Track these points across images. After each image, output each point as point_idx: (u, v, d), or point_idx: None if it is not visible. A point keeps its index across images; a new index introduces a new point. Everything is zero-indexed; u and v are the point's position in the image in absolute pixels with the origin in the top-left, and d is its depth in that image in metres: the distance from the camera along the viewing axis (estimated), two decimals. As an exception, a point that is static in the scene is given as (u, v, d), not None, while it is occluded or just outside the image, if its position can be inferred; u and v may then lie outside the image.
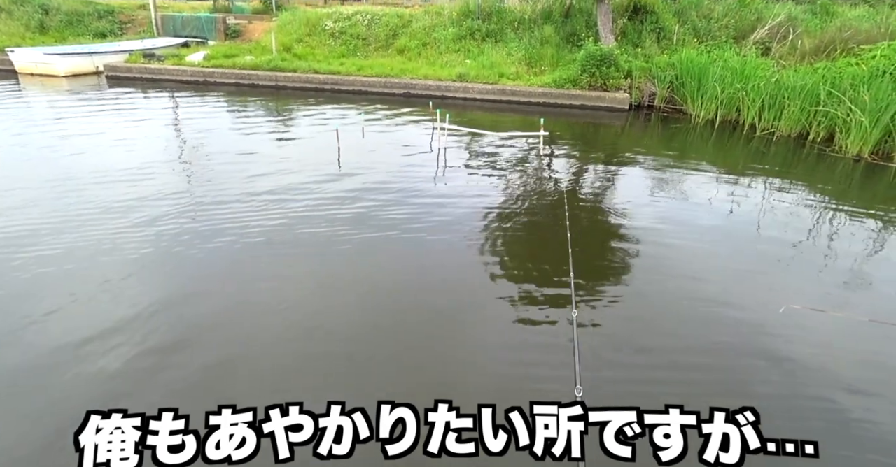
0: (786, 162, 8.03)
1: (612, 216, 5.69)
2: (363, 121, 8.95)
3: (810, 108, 8.67)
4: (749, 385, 3.13)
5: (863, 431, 2.80)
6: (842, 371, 3.28)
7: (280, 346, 3.30)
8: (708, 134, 9.48)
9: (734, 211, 5.86)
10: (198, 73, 12.63)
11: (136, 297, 3.69)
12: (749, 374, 3.22)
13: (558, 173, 7.20)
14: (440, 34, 13.68)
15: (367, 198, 5.69)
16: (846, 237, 5.29)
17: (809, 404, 2.99)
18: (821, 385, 3.15)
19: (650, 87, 11.02)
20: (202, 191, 5.73)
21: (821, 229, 5.50)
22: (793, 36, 11.07)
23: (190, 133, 8.34)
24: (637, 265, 4.57)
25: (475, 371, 3.21)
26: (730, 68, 9.76)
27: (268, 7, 18.27)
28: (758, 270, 4.57)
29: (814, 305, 3.95)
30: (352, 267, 4.34)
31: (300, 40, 14.36)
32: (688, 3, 12.95)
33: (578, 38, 12.17)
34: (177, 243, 4.51)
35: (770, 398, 3.00)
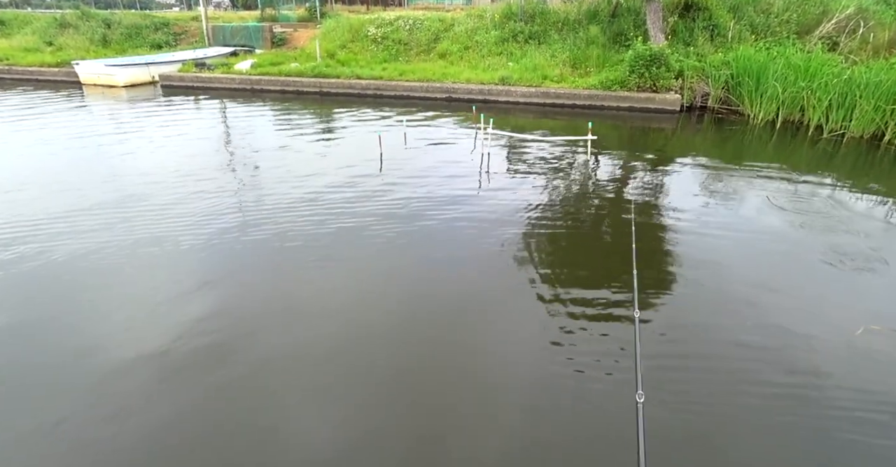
0: (857, 165, 7.41)
1: (666, 222, 5.36)
2: (405, 125, 8.93)
3: (886, 107, 7.99)
4: (812, 408, 2.81)
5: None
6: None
7: (323, 350, 3.26)
8: (767, 136, 8.91)
9: (799, 220, 5.40)
10: (245, 80, 13.02)
11: (186, 289, 3.76)
12: (815, 399, 2.90)
13: (606, 178, 6.90)
14: (482, 37, 13.56)
15: (411, 203, 5.62)
16: None
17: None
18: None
19: (703, 87, 10.49)
20: (248, 192, 5.85)
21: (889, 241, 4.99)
22: (863, 29, 10.27)
23: (237, 138, 8.56)
24: (694, 274, 4.27)
25: (533, 375, 3.18)
26: (792, 66, 9.15)
27: (312, 15, 18.71)
28: (829, 287, 4.17)
29: (893, 325, 3.57)
30: (395, 271, 4.29)
31: (343, 46, 14.59)
32: (744, -3, 12.27)
33: (626, 37, 11.75)
34: (224, 239, 4.60)
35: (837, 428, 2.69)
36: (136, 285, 4.05)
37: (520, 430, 2.79)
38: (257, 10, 20.73)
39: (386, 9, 19.74)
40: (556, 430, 2.78)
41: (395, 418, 2.80)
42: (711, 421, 2.80)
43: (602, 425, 2.82)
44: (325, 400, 2.91)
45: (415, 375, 3.14)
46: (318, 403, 2.89)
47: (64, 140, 8.31)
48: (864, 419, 2.81)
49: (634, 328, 2.47)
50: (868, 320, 3.66)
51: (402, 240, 4.85)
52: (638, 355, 2.21)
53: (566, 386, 3.06)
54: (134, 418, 2.76)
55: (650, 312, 3.75)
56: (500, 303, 3.94)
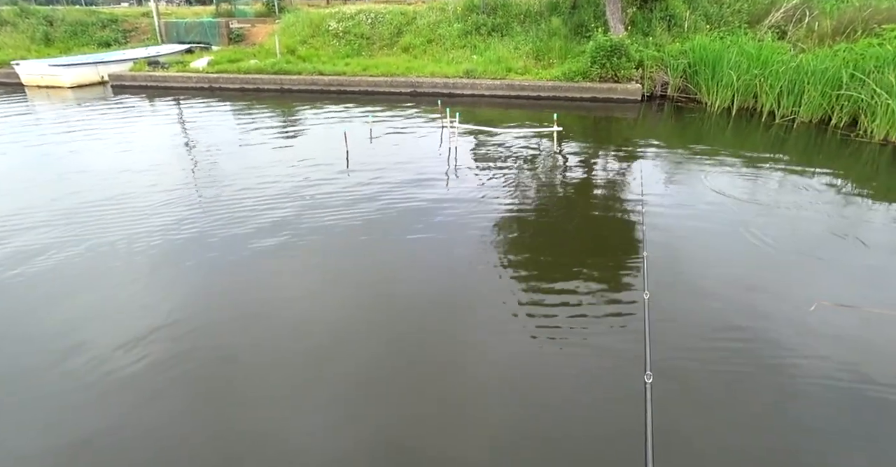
0: (807, 149, 7.75)
1: (631, 210, 5.48)
2: (371, 121, 8.82)
3: (832, 93, 8.37)
4: (782, 386, 2.94)
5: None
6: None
7: (288, 348, 3.19)
8: (724, 122, 9.21)
9: (755, 201, 5.62)
10: (203, 78, 12.58)
11: (145, 296, 3.61)
12: (781, 377, 3.03)
13: (574, 168, 7.00)
14: (445, 30, 13.49)
15: (380, 200, 5.56)
16: (876, 227, 5.04)
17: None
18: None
19: (663, 76, 10.75)
20: (210, 195, 5.65)
21: (848, 219, 5.24)
22: (809, 18, 10.72)
23: (196, 138, 8.27)
24: (660, 258, 4.37)
25: (539, 359, 3.22)
26: (745, 54, 9.47)
27: (270, 10, 18.19)
28: (783, 264, 4.35)
29: (845, 301, 3.75)
30: (365, 269, 4.24)
31: (304, 42, 14.26)
32: (698, -12, 12.59)
33: (587, 29, 11.91)
34: (184, 246, 4.44)
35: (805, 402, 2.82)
36: (90, 291, 3.87)
37: (528, 414, 2.82)
38: (212, 6, 20.02)
39: (346, 2, 19.39)
40: (564, 412, 2.83)
41: (397, 405, 2.78)
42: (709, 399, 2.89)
43: (610, 406, 2.88)
44: (304, 403, 2.85)
45: (409, 368, 3.12)
46: (296, 407, 2.83)
47: (5, 144, 7.85)
48: (828, 385, 2.96)
49: (644, 309, 2.50)
50: (820, 295, 3.83)
51: (374, 236, 4.80)
52: (647, 336, 2.25)
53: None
54: (93, 434, 2.64)
55: (634, 293, 3.83)
56: (483, 294, 3.94)
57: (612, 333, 3.44)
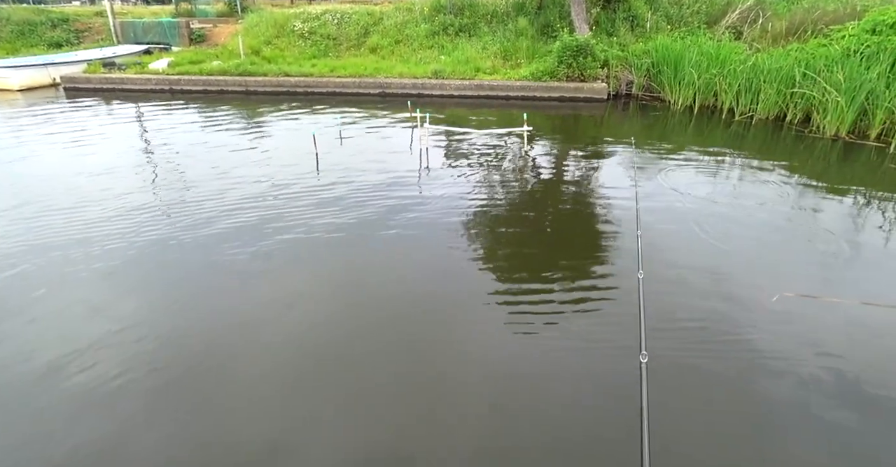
0: (765, 145, 8.06)
1: (598, 206, 5.58)
2: (340, 123, 8.70)
3: (786, 91, 8.74)
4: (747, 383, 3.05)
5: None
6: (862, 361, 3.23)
7: (270, 356, 3.11)
8: (687, 120, 9.49)
9: (717, 196, 5.81)
10: (163, 81, 12.15)
11: (112, 308, 3.46)
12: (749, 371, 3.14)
13: (545, 167, 7.09)
14: (412, 31, 13.44)
15: (351, 203, 5.49)
16: (831, 218, 5.28)
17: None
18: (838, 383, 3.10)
19: (627, 75, 11.00)
20: (174, 203, 5.45)
21: (805, 212, 5.47)
22: (763, 19, 11.16)
23: (158, 144, 7.97)
24: (623, 252, 4.48)
25: (531, 344, 3.28)
26: (705, 54, 9.79)
27: (233, 9, 17.75)
28: (745, 257, 4.51)
29: (806, 292, 3.91)
30: (338, 270, 4.18)
31: (269, 42, 13.96)
32: (658, -11, 12.95)
33: (553, 29, 12.07)
34: (149, 258, 4.27)
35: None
36: (48, 299, 3.69)
37: (525, 397, 2.88)
38: (171, 5, 19.38)
39: (311, 2, 19.08)
40: (561, 396, 2.89)
41: (392, 407, 2.73)
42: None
43: (606, 384, 2.95)
44: (283, 409, 2.78)
45: (398, 365, 3.08)
46: (274, 413, 2.76)
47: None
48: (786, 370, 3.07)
49: (639, 292, 2.55)
50: (782, 286, 3.98)
51: (347, 237, 4.74)
52: (643, 318, 2.29)
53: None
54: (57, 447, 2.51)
55: (567, 301, 3.90)
56: (468, 286, 3.97)
57: (595, 317, 3.50)
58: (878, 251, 4.62)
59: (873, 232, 5.00)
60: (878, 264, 4.41)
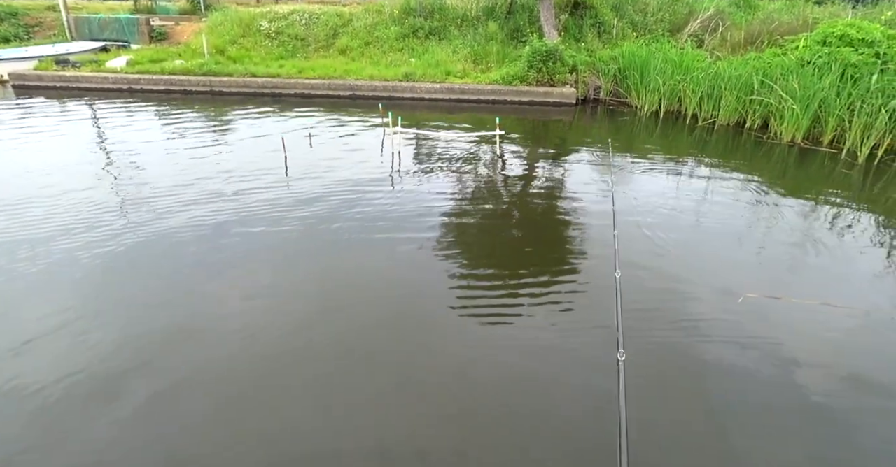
0: (726, 150, 8.34)
1: (572, 208, 5.64)
2: (309, 126, 8.53)
3: (746, 98, 9.08)
4: (715, 379, 3.12)
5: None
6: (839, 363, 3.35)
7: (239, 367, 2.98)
8: (653, 125, 9.74)
9: (680, 200, 5.97)
10: (121, 79, 11.64)
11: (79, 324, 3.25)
12: (714, 370, 3.21)
13: (517, 170, 7.12)
14: (382, 33, 13.34)
15: (322, 208, 5.36)
16: (789, 221, 5.50)
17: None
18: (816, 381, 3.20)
19: (595, 80, 11.21)
20: (136, 211, 5.19)
21: (764, 215, 5.68)
22: (722, 28, 11.59)
23: (117, 147, 7.60)
24: (589, 255, 4.55)
25: (507, 346, 3.27)
26: (669, 61, 10.07)
27: (195, 7, 17.20)
28: (709, 259, 4.64)
29: (769, 293, 4.04)
30: (305, 275, 4.07)
31: (234, 42, 13.58)
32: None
33: (522, 34, 12.20)
34: (110, 271, 4.04)
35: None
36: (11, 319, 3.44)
37: (504, 392, 2.88)
38: (129, 1, 18.62)
39: (278, 2, 18.68)
40: (540, 392, 2.90)
41: (374, 403, 2.64)
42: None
43: (584, 383, 2.95)
44: (251, 416, 2.66)
45: (386, 356, 2.99)
46: (242, 421, 2.64)
47: None
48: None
49: (616, 290, 2.57)
50: (745, 287, 4.10)
51: (315, 242, 4.64)
52: (619, 316, 2.31)
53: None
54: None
55: (536, 304, 3.91)
56: (442, 289, 3.94)
57: (575, 317, 3.51)
58: (833, 253, 4.83)
59: (829, 234, 5.22)
60: (834, 266, 4.61)
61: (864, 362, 3.33)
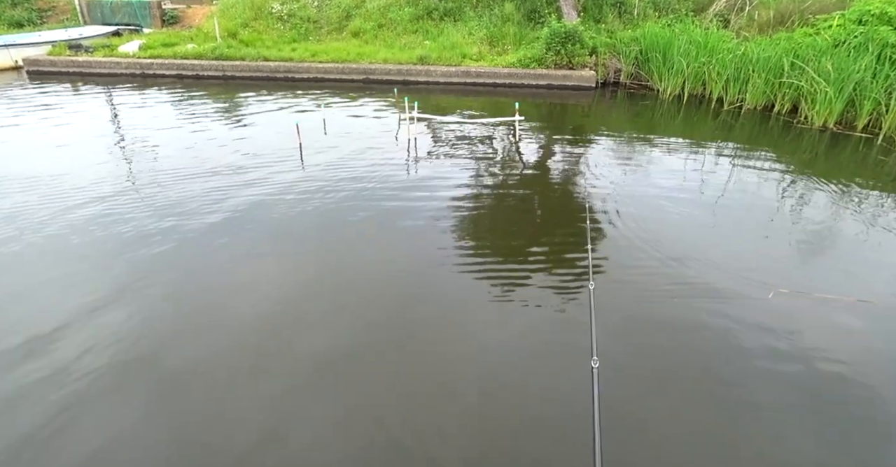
0: (753, 135, 8.03)
1: (589, 196, 5.46)
2: (323, 111, 8.39)
3: (775, 80, 8.70)
4: (742, 379, 2.99)
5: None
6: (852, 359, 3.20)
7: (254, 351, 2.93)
8: (675, 109, 9.42)
9: (707, 189, 5.75)
10: (134, 64, 11.56)
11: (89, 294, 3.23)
12: (746, 370, 3.08)
13: (535, 157, 6.93)
14: (396, 14, 13.03)
15: (339, 197, 5.27)
16: (821, 211, 5.26)
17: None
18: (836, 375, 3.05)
19: (615, 63, 10.86)
20: (151, 193, 5.17)
21: (792, 204, 5.45)
22: (749, 7, 11.09)
23: (131, 132, 7.54)
24: (617, 246, 4.40)
25: (486, 347, 3.23)
26: (694, 42, 9.68)
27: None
28: (740, 251, 4.44)
29: (799, 288, 3.86)
30: (330, 266, 4.00)
31: (246, 25, 13.38)
32: (645, -25, 12.74)
33: (540, 14, 11.83)
34: (130, 256, 4.01)
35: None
36: (33, 297, 3.46)
37: (476, 400, 2.80)
38: (140, -16, 18.39)
39: (290, -17, 18.33)
40: (513, 401, 2.81)
41: (356, 398, 2.58)
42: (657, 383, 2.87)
43: (558, 391, 2.89)
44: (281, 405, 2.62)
45: (367, 357, 2.93)
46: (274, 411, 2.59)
47: None
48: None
49: (590, 298, 2.51)
50: (775, 281, 3.92)
51: (333, 233, 4.57)
52: (593, 323, 2.23)
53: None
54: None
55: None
56: (446, 285, 3.84)
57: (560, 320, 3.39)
58: (869, 246, 4.61)
59: (863, 225, 4.99)
60: (871, 259, 4.40)
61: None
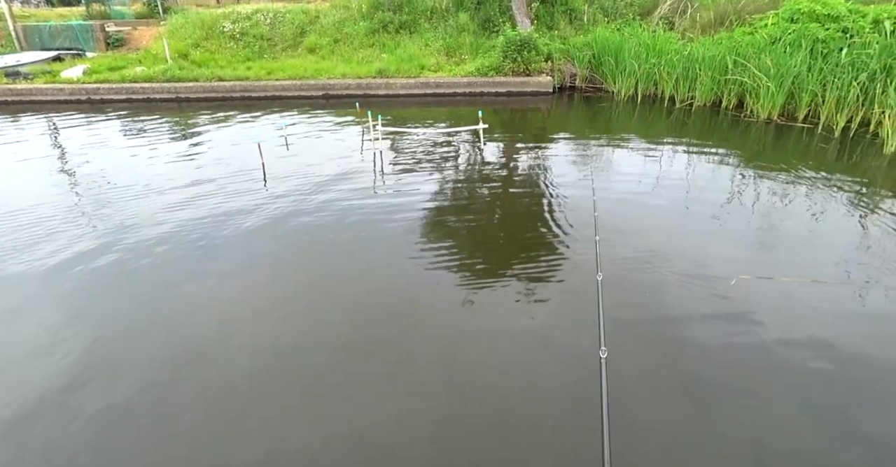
0: (704, 130, 8.38)
1: (556, 202, 5.55)
2: (284, 129, 8.25)
3: (720, 78, 9.13)
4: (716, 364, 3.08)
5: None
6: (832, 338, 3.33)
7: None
8: (630, 109, 9.74)
9: (664, 183, 5.95)
10: (79, 90, 11.09)
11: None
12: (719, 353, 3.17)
13: (501, 163, 7.01)
14: (351, 29, 13.03)
15: (305, 215, 5.16)
16: (773, 198, 5.48)
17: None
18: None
19: (570, 68, 11.16)
20: (105, 224, 4.91)
21: (746, 193, 5.65)
22: (691, 10, 11.64)
23: (80, 162, 7.19)
24: (578, 245, 4.49)
25: (491, 341, 3.29)
26: (643, 44, 10.07)
27: (153, 11, 16.52)
28: (695, 241, 4.58)
29: (761, 273, 4.02)
30: (302, 282, 3.89)
31: (197, 45, 13.09)
32: (591, -17, 13.22)
33: (494, 24, 12.06)
34: (85, 290, 3.79)
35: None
36: None
37: (487, 391, 2.83)
38: (81, 7, 17.78)
39: (240, 2, 18.07)
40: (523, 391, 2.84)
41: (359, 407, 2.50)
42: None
43: (567, 381, 2.92)
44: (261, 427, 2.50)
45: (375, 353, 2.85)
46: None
47: None
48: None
49: (598, 289, 2.55)
50: (736, 268, 4.05)
51: (300, 250, 4.48)
52: (602, 313, 2.27)
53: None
54: None
55: (523, 287, 3.83)
56: (432, 288, 3.85)
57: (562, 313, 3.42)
58: (815, 228, 4.85)
59: (811, 209, 5.25)
60: (822, 242, 4.62)
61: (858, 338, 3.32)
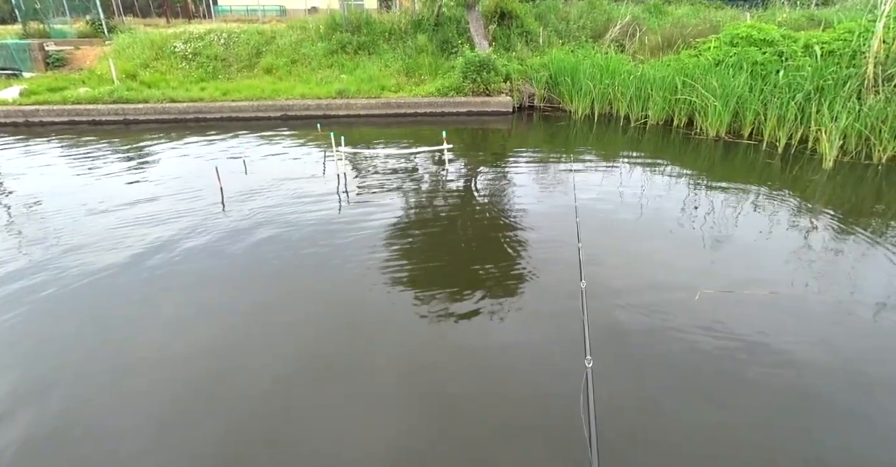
0: (657, 148, 8.70)
1: (517, 219, 5.57)
2: (242, 151, 7.98)
3: (671, 97, 9.57)
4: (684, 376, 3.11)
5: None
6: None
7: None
8: (587, 128, 10.03)
9: (620, 199, 6.09)
10: (15, 112, 10.41)
11: None
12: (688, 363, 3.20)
13: (460, 183, 7.00)
14: (309, 50, 12.92)
15: (265, 237, 4.95)
16: (725, 212, 5.69)
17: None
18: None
19: (528, 88, 11.43)
20: (41, 257, 4.51)
21: (702, 208, 5.86)
22: (640, 33, 12.23)
23: (17, 190, 6.68)
24: (540, 259, 4.50)
25: (472, 354, 3.26)
26: (597, 65, 10.45)
27: (97, 30, 15.87)
28: (655, 258, 4.66)
29: (722, 287, 4.12)
30: (259, 304, 3.66)
31: (146, 65, 12.63)
32: (545, 7, 13.72)
33: (452, 45, 12.25)
34: (30, 323, 3.43)
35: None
36: None
37: (473, 400, 2.78)
38: (17, 25, 16.87)
39: (190, 21, 17.65)
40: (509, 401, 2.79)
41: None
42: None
43: (553, 390, 2.86)
44: None
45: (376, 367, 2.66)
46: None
47: None
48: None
49: (582, 298, 2.51)
50: (697, 283, 4.14)
51: (263, 275, 4.26)
52: (586, 323, 2.24)
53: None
54: None
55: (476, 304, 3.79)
56: (402, 308, 3.72)
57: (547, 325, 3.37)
58: (767, 240, 5.05)
59: (762, 222, 5.47)
60: (773, 255, 4.80)
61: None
